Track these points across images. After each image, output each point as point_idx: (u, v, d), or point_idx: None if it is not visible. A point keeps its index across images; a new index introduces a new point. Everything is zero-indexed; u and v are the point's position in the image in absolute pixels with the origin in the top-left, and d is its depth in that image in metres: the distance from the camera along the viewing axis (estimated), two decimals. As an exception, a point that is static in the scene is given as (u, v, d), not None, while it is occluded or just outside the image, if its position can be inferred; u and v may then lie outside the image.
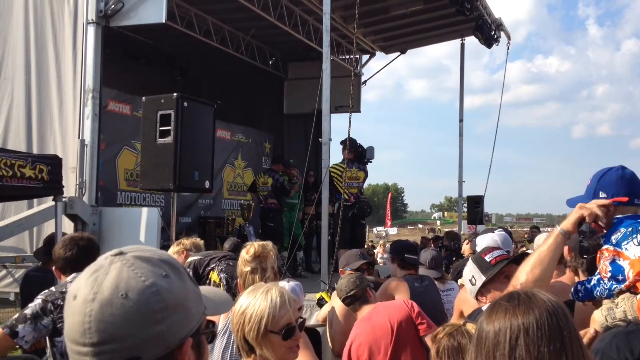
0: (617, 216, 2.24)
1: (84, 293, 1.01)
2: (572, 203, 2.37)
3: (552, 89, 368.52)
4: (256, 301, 2.29)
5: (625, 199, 2.27)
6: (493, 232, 4.78)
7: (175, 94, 5.96)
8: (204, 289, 1.21)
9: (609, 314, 2.09)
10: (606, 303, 2.15)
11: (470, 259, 3.21)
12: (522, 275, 2.23)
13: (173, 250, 5.00)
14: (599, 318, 2.13)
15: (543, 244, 2.30)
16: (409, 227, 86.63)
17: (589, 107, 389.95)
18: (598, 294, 2.19)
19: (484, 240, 4.56)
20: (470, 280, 3.06)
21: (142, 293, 1.00)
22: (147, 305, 1.00)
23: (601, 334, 2.09)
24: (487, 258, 3.08)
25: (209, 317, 1.17)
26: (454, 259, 9.12)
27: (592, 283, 2.22)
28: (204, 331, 1.13)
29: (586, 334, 2.14)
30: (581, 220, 2.24)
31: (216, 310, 1.20)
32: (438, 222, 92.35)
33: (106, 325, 0.98)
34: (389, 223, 49.76)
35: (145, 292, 1.01)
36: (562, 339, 1.36)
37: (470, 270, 3.09)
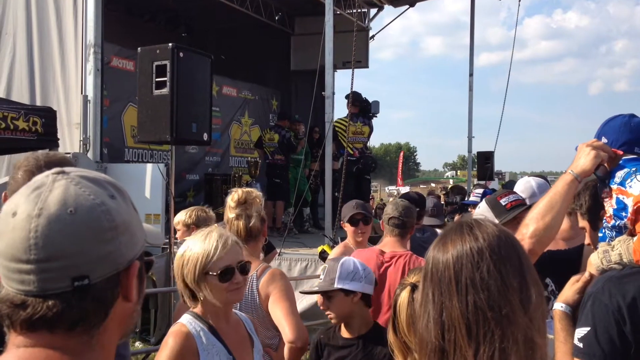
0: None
1: (26, 209, 0.97)
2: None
3: (570, 44, 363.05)
4: (195, 244, 2.22)
5: (621, 152, 2.21)
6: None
7: (170, 44, 5.81)
8: None
9: (604, 257, 2.00)
10: (602, 246, 2.07)
11: (484, 200, 3.11)
12: (532, 223, 2.12)
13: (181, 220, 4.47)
14: (594, 261, 2.04)
15: (553, 188, 2.19)
16: (421, 186, 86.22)
17: (607, 63, 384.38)
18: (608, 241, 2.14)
19: (519, 185, 4.46)
20: None
21: (92, 211, 0.98)
22: (98, 223, 0.98)
23: (596, 278, 2.00)
24: (503, 201, 2.97)
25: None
26: (459, 213, 9.01)
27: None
28: (144, 258, 1.11)
29: (581, 277, 2.07)
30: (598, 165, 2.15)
31: (151, 240, 1.19)
32: (450, 181, 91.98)
33: (53, 241, 0.95)
34: (400, 182, 49.61)
35: (96, 210, 0.99)
36: (519, 258, 1.38)
37: (483, 211, 3.00)
